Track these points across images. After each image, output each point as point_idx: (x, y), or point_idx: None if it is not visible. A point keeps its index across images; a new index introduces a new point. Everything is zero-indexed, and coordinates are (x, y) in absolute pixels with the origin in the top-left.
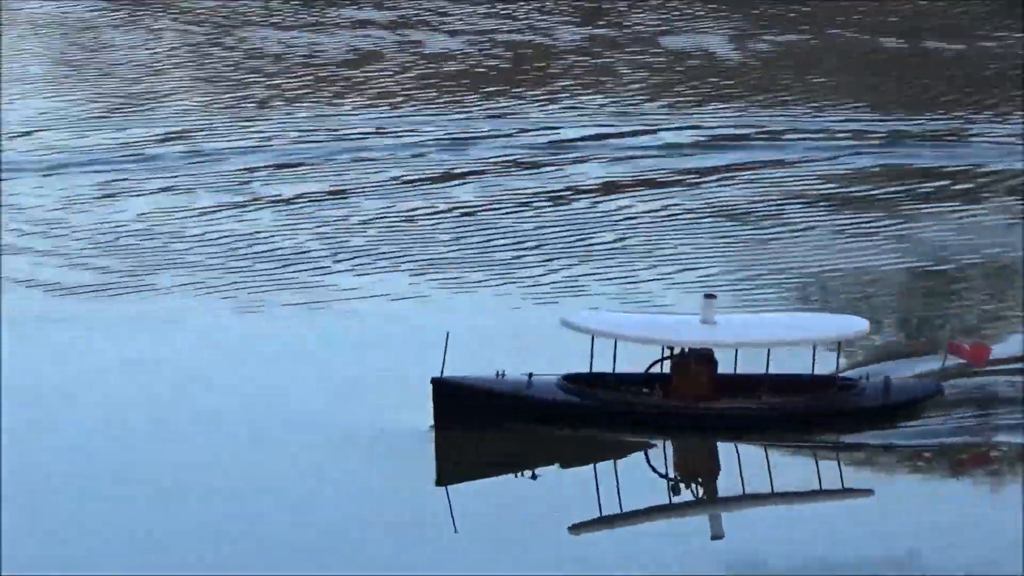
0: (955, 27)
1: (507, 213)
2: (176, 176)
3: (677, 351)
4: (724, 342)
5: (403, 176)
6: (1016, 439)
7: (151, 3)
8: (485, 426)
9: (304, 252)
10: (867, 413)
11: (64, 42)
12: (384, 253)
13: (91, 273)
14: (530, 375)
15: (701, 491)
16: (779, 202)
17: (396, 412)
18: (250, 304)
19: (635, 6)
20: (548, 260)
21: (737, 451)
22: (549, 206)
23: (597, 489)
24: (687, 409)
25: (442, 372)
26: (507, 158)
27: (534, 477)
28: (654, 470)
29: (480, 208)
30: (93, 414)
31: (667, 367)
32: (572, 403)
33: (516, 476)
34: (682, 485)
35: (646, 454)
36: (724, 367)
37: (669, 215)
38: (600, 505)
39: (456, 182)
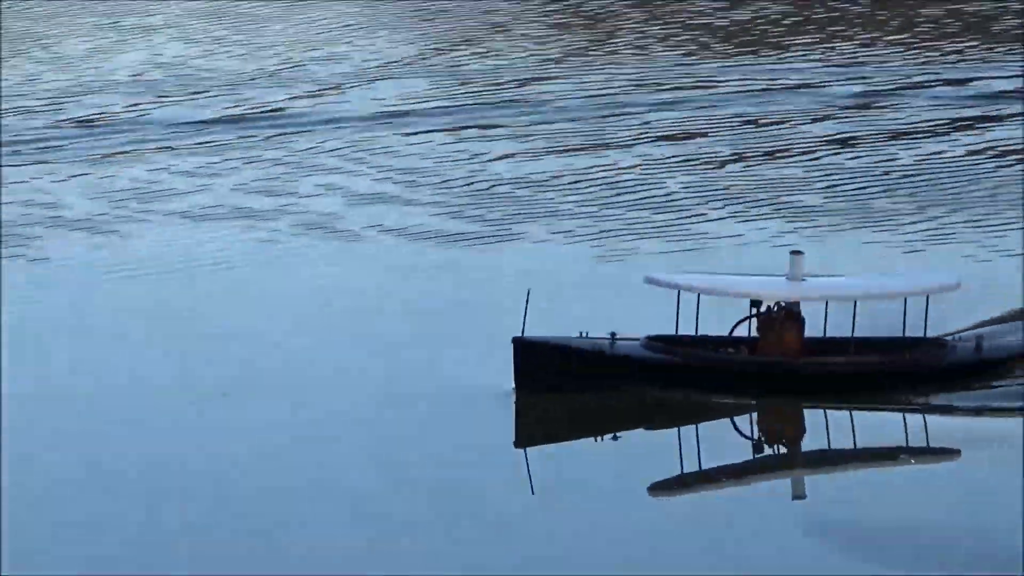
0: None
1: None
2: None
3: (763, 309)
4: (810, 295)
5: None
6: None
7: None
8: (567, 387)
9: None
10: (958, 371)
11: None
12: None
13: (465, 222)
14: (613, 335)
15: (785, 452)
16: None
17: None
18: (619, 251)
19: None
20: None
21: (823, 413)
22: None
23: (679, 450)
24: (775, 366)
25: (523, 331)
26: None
27: (615, 438)
28: (738, 431)
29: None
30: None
31: (753, 329)
32: (656, 360)
33: (597, 439)
34: (766, 446)
35: (731, 416)
36: (812, 331)
37: None
38: (681, 466)
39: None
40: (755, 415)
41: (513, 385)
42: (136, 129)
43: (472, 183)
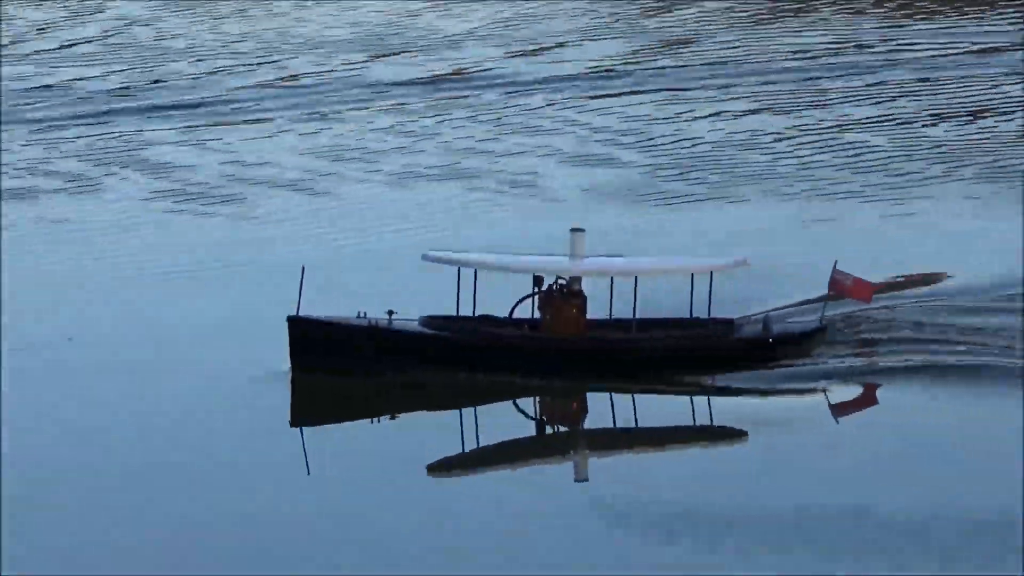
0: None
1: None
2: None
3: (543, 288)
4: (593, 271)
5: None
6: (899, 379)
7: None
8: (345, 366)
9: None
10: (745, 351)
11: None
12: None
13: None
14: (390, 313)
15: (568, 433)
16: None
17: None
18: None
19: None
20: None
21: (608, 395)
22: None
23: (459, 431)
24: (557, 343)
25: (298, 309)
26: None
27: (393, 418)
28: (521, 412)
29: None
30: None
31: (536, 310)
32: (435, 338)
33: (374, 419)
34: (548, 427)
35: (513, 397)
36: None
37: None
38: (463, 446)
39: None
40: (537, 396)
41: (288, 365)
42: (346, 88)
43: (676, 143)
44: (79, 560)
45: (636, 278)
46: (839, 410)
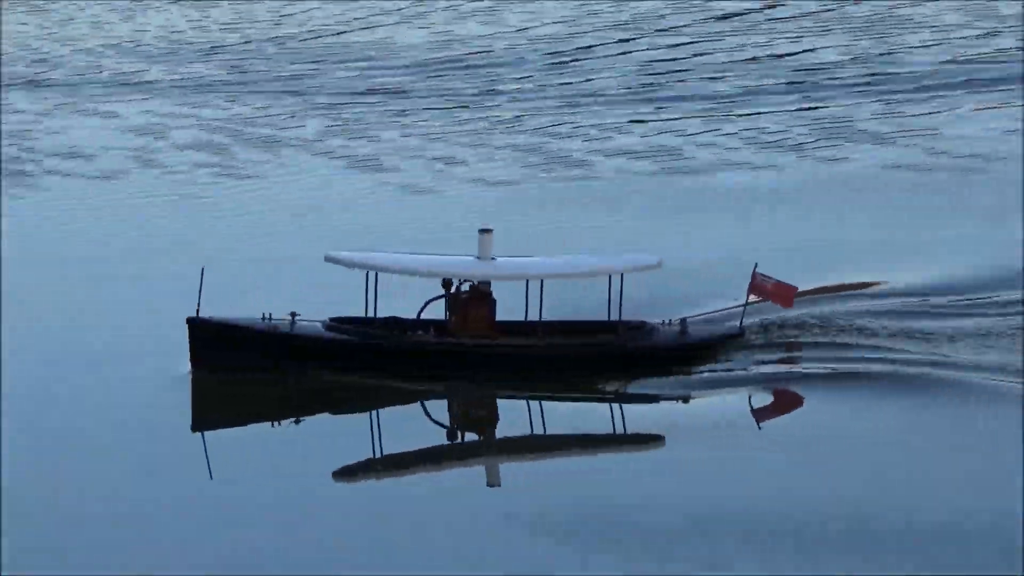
0: None
1: None
2: None
3: (453, 290)
4: (502, 274)
5: None
6: (818, 385)
7: None
8: (246, 368)
9: None
10: (660, 355)
11: None
12: None
13: None
14: (293, 315)
15: (479, 439)
16: None
17: None
18: None
19: None
20: None
21: (519, 399)
22: None
23: (373, 435)
24: (463, 347)
25: (198, 311)
26: None
27: (297, 422)
28: (429, 416)
29: None
30: None
31: (440, 312)
32: (338, 341)
33: (276, 423)
34: (458, 432)
35: (421, 401)
36: (505, 315)
37: None
38: (370, 452)
39: None
40: (446, 400)
41: (189, 367)
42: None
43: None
44: None
45: (542, 281)
46: (760, 415)
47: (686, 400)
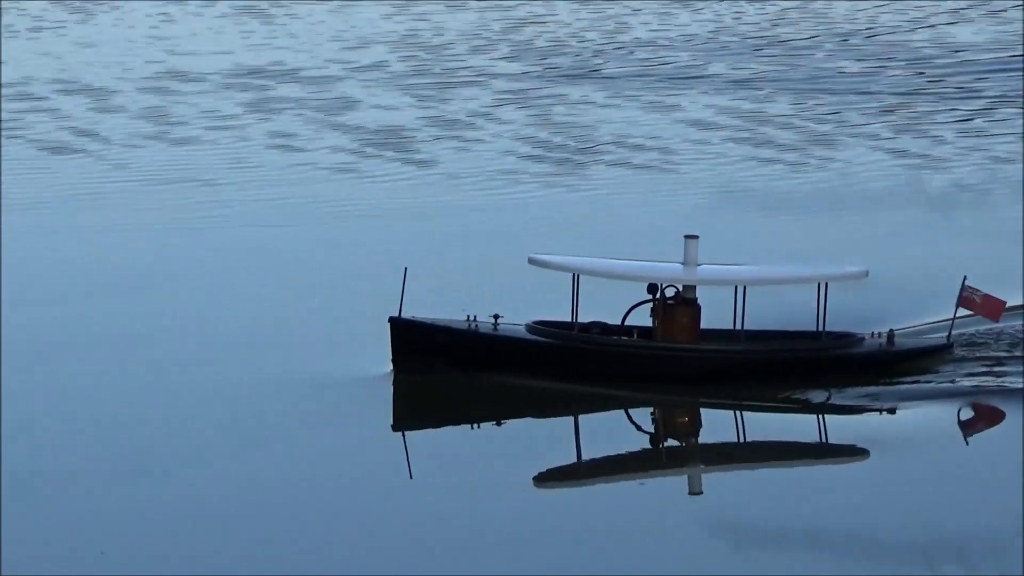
0: None
1: None
2: None
3: (658, 296)
4: (708, 279)
5: None
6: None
7: None
8: (448, 370)
9: None
10: (866, 365)
11: None
12: None
13: None
14: (496, 317)
15: (682, 446)
16: None
17: None
18: None
19: None
20: None
21: (724, 407)
22: None
23: (574, 440)
24: (670, 352)
25: (400, 311)
26: None
27: (499, 424)
28: (632, 422)
29: None
30: None
31: (647, 317)
32: (543, 344)
33: (477, 426)
34: (661, 439)
35: (624, 407)
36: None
37: None
38: (570, 457)
39: None
40: (649, 407)
41: (391, 367)
42: None
43: None
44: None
45: (745, 288)
46: (968, 429)
47: (892, 412)
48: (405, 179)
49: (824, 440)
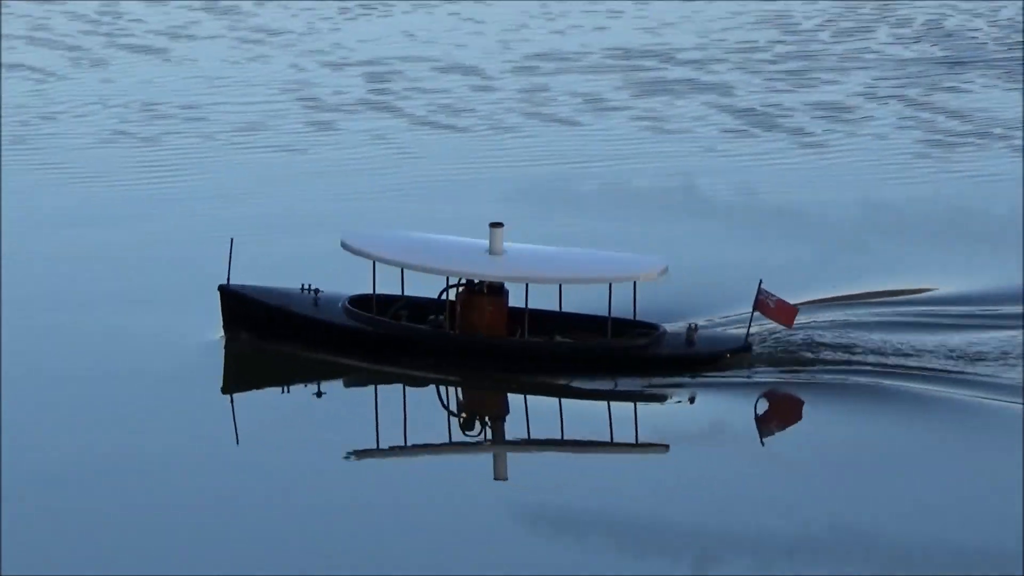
0: None
1: None
2: None
3: (464, 280)
4: (512, 276)
5: None
6: (822, 400)
7: None
8: (272, 338)
9: None
10: (667, 362)
11: None
12: None
13: None
14: (316, 292)
15: (488, 431)
16: None
17: None
18: None
19: None
20: None
21: (528, 395)
22: None
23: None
24: (475, 343)
25: (228, 279)
26: None
27: (319, 395)
28: (443, 405)
29: None
30: None
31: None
32: (356, 329)
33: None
34: (468, 423)
35: (437, 388)
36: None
37: None
38: (382, 433)
39: None
40: (458, 388)
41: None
42: None
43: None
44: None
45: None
46: (764, 425)
47: (690, 406)
48: None
49: (630, 433)
